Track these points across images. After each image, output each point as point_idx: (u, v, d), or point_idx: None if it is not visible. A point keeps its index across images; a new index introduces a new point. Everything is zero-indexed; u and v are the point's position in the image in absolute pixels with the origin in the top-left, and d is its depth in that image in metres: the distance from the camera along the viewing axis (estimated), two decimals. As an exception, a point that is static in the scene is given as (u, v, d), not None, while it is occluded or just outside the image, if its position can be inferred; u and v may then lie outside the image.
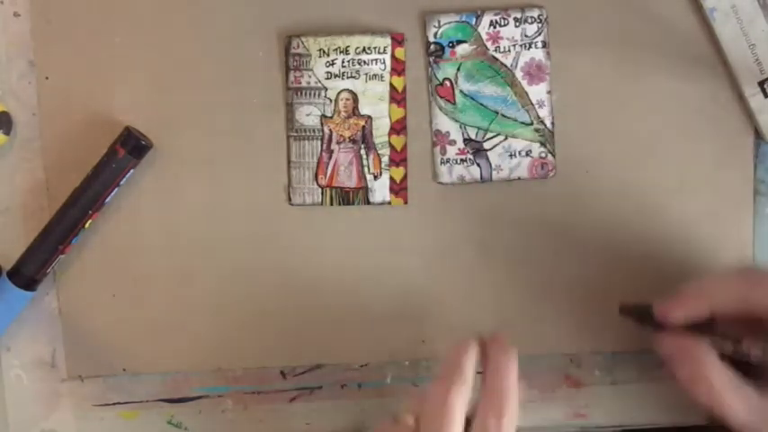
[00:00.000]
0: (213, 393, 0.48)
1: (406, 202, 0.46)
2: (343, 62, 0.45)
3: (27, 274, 0.44)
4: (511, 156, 0.46)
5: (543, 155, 0.45)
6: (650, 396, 0.47)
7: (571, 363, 0.47)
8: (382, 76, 0.45)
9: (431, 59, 0.45)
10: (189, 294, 0.47)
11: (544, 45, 0.45)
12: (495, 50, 0.45)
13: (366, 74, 0.45)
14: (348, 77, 0.45)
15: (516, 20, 0.45)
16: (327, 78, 0.45)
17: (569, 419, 0.47)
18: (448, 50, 0.45)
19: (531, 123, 0.45)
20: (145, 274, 0.47)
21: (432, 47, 0.45)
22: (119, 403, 0.48)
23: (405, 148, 0.46)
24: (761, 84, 0.44)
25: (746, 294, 0.37)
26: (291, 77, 0.45)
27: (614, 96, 0.46)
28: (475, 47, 0.45)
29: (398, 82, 0.45)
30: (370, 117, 0.46)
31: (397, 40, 0.45)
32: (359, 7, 0.45)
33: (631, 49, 0.45)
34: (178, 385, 0.47)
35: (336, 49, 0.45)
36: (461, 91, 0.45)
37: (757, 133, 0.46)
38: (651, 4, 0.45)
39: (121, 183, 0.44)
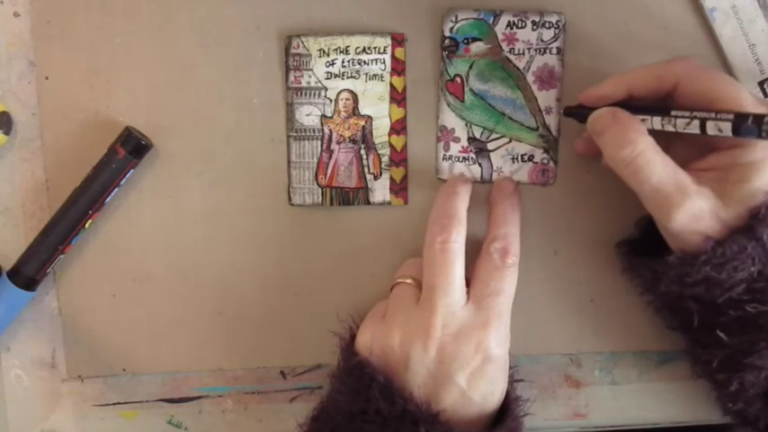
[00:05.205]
0: (213, 393, 0.48)
1: (406, 203, 0.46)
2: (343, 62, 0.45)
3: (27, 274, 0.44)
4: (513, 159, 0.46)
5: (545, 161, 0.45)
6: (650, 396, 0.47)
7: (571, 363, 0.47)
8: (382, 76, 0.45)
9: (444, 54, 0.45)
10: (189, 294, 0.47)
11: (559, 51, 0.45)
12: (510, 52, 0.45)
13: (366, 74, 0.45)
14: (348, 77, 0.45)
15: (534, 23, 0.44)
16: (327, 78, 0.45)
17: (569, 419, 0.47)
18: (462, 47, 0.45)
19: (537, 129, 0.45)
20: (145, 274, 0.47)
21: (446, 41, 0.45)
22: (119, 403, 0.48)
23: (405, 148, 0.46)
24: (761, 84, 0.44)
25: (659, 71, 0.39)
26: (291, 77, 0.45)
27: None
28: (490, 46, 0.45)
29: (398, 82, 0.45)
30: (370, 117, 0.46)
31: (397, 40, 0.45)
32: (359, 7, 0.45)
33: (631, 49, 0.45)
34: (178, 385, 0.47)
35: (336, 49, 0.45)
36: (471, 89, 0.45)
37: (757, 133, 0.46)
38: (651, 5, 0.45)
39: (121, 183, 0.44)
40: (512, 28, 0.45)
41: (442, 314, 0.39)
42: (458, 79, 0.45)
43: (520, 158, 0.46)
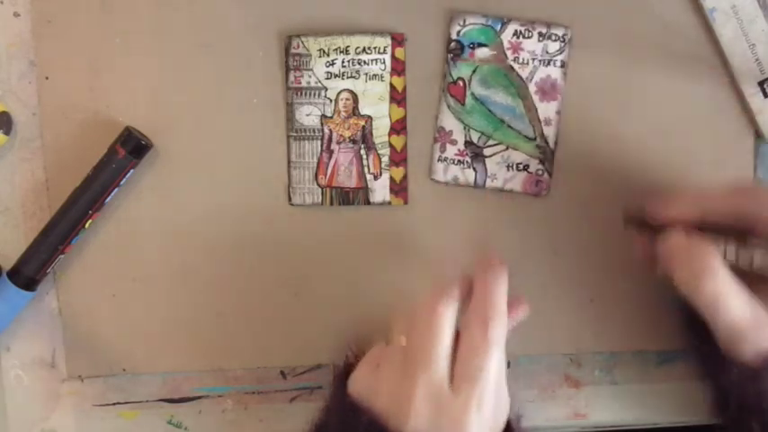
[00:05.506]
0: (213, 393, 0.48)
1: (406, 203, 0.46)
2: (343, 62, 0.45)
3: (27, 274, 0.44)
4: (508, 167, 0.46)
5: (540, 172, 0.45)
6: (650, 396, 0.47)
7: (571, 363, 0.47)
8: (382, 76, 0.45)
9: (449, 56, 0.45)
10: (189, 294, 0.47)
11: (563, 65, 0.45)
12: (514, 60, 0.45)
13: (366, 74, 0.45)
14: (348, 77, 0.45)
15: (540, 34, 0.44)
16: (327, 78, 0.45)
17: (569, 419, 0.47)
18: (467, 51, 0.45)
19: (535, 139, 0.45)
20: (145, 274, 0.47)
21: (452, 44, 0.45)
22: (119, 403, 0.48)
23: (405, 148, 0.46)
24: (761, 84, 0.44)
25: (740, 203, 0.38)
26: (291, 77, 0.45)
27: (613, 96, 0.46)
28: (494, 53, 0.45)
29: (398, 82, 0.45)
30: (370, 117, 0.46)
31: (397, 40, 0.45)
32: (359, 7, 0.45)
33: (631, 49, 0.45)
34: (178, 385, 0.47)
35: (336, 49, 0.45)
36: (473, 93, 0.45)
37: (757, 133, 0.46)
38: (651, 5, 0.45)
39: (121, 183, 0.44)
40: (518, 37, 0.45)
41: (422, 391, 0.37)
42: (460, 82, 0.45)
43: (515, 167, 0.46)
